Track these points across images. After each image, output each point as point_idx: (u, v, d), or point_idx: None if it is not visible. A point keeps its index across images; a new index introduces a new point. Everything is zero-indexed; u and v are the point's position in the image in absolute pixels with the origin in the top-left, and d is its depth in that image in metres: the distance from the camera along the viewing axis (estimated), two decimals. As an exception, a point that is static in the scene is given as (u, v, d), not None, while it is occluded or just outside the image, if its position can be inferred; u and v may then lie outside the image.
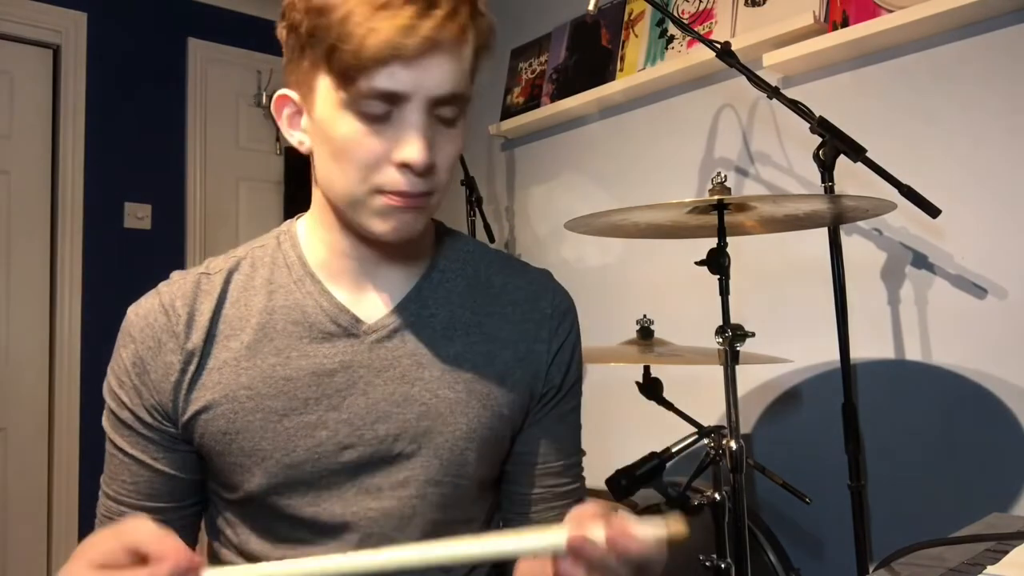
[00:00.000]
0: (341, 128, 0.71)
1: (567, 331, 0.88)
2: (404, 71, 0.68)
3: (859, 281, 1.60)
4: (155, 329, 0.79)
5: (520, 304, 0.87)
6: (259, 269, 0.83)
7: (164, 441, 0.79)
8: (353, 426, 0.79)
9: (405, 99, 0.70)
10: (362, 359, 0.80)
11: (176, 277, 0.83)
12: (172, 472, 0.80)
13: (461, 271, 0.87)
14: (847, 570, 1.59)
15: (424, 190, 0.73)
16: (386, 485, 0.79)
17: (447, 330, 0.83)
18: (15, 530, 2.50)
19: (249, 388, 0.78)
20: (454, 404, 0.81)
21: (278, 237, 0.86)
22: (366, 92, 0.69)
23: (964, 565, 0.71)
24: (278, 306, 0.81)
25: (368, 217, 0.74)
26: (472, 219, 2.33)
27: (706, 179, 1.98)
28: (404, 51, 0.67)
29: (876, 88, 1.67)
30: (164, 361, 0.78)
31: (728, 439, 1.18)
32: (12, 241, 2.56)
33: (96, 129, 2.69)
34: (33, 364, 2.58)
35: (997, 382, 1.47)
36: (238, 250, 0.86)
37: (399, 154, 0.71)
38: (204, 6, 2.92)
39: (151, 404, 0.78)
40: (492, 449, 0.84)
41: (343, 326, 0.80)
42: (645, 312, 1.55)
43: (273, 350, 0.79)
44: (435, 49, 0.69)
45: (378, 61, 0.67)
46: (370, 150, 0.71)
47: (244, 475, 0.78)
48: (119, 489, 0.80)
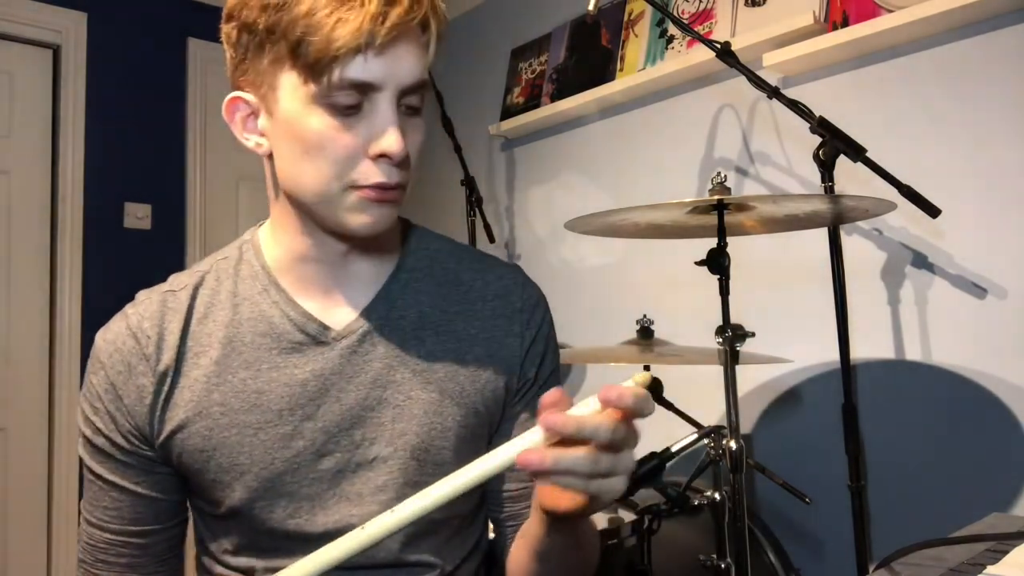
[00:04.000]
0: (312, 123, 0.70)
1: (538, 324, 0.88)
2: (375, 60, 0.68)
3: (859, 281, 1.59)
4: (124, 353, 0.78)
5: (490, 300, 0.87)
6: (224, 282, 0.82)
7: (143, 465, 0.79)
8: (329, 434, 0.78)
9: (376, 89, 0.69)
10: (333, 366, 0.79)
11: (142, 297, 0.82)
12: (154, 495, 0.80)
13: (429, 269, 0.87)
14: (847, 570, 1.59)
15: (400, 181, 0.73)
16: (366, 491, 0.79)
17: (417, 330, 0.83)
18: (15, 530, 2.50)
19: (222, 404, 0.77)
20: (428, 404, 0.80)
21: (240, 247, 0.85)
22: (337, 84, 0.68)
23: (964, 565, 0.71)
24: (244, 318, 0.80)
25: (343, 213, 0.73)
26: (472, 219, 2.33)
27: (706, 179, 1.98)
28: (375, 39, 0.67)
29: (876, 88, 1.67)
30: (136, 384, 0.77)
31: (728, 439, 1.17)
32: (12, 241, 2.56)
33: (96, 129, 2.69)
34: (33, 364, 2.58)
35: (997, 382, 1.47)
36: (202, 264, 0.86)
37: (376, 146, 0.70)
38: (204, 6, 2.92)
39: (127, 429, 0.78)
40: (469, 447, 0.83)
41: (311, 335, 0.79)
42: (645, 312, 1.55)
43: (243, 363, 0.78)
44: (403, 37, 0.69)
45: (350, 51, 0.66)
46: (344, 145, 0.70)
47: (225, 491, 0.78)
48: (102, 516, 0.80)
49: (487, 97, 2.67)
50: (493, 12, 2.75)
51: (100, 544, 0.80)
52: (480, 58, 2.71)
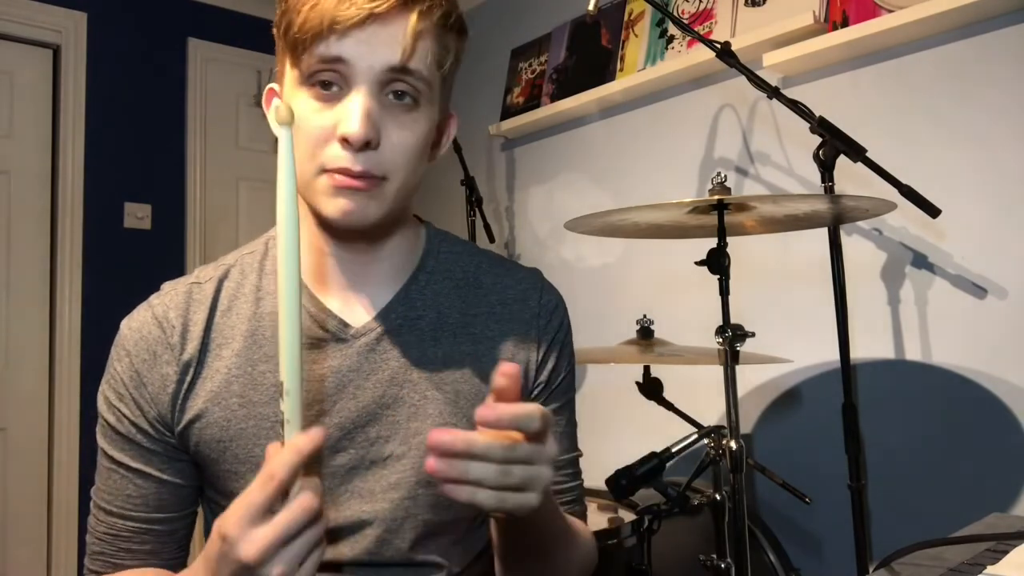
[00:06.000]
0: (297, 107, 0.72)
1: (556, 328, 0.88)
2: (347, 39, 0.70)
3: (859, 281, 1.60)
4: (149, 342, 0.79)
5: (509, 303, 0.87)
6: (248, 276, 0.83)
7: (168, 452, 0.80)
8: (344, 430, 0.79)
9: (350, 70, 0.71)
10: (351, 363, 0.80)
11: (167, 288, 0.83)
12: (179, 481, 0.80)
13: (449, 272, 0.87)
14: (847, 570, 1.59)
15: (366, 169, 0.72)
16: (378, 488, 0.79)
17: (435, 331, 0.83)
18: (15, 530, 2.50)
19: (241, 396, 0.78)
20: (443, 405, 0.81)
21: (267, 242, 0.86)
22: (312, 62, 0.71)
23: (964, 565, 0.71)
24: (266, 312, 0.81)
25: (319, 199, 0.74)
26: (472, 219, 2.33)
27: (706, 179, 1.98)
28: (340, 21, 0.69)
29: (876, 88, 1.67)
30: (160, 373, 0.78)
31: (728, 439, 1.18)
32: (12, 241, 2.56)
33: (96, 129, 2.69)
34: (33, 364, 2.58)
35: (997, 382, 1.47)
36: (228, 257, 0.86)
37: (339, 128, 0.71)
38: (204, 6, 2.92)
39: (153, 417, 0.78)
40: None
41: (331, 331, 0.80)
42: (645, 312, 1.55)
43: (263, 357, 0.79)
44: (374, 21, 0.70)
45: (316, 33, 0.69)
46: (317, 125, 0.72)
47: (239, 481, 0.78)
48: (124, 504, 0.80)
49: (487, 97, 2.67)
50: (493, 12, 2.75)
51: (123, 533, 0.80)
52: (480, 58, 2.71)
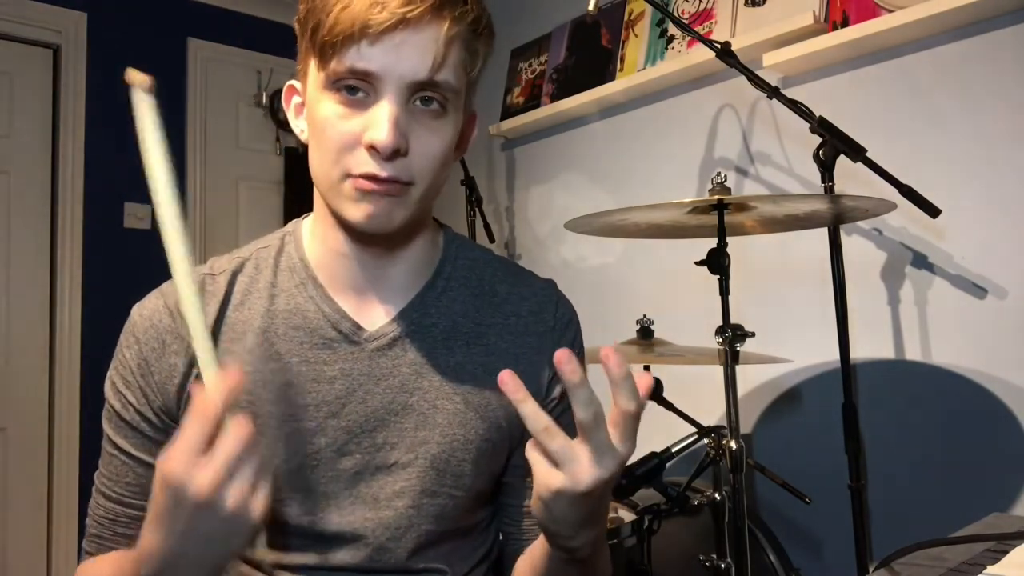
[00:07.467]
0: (322, 110, 0.72)
1: (569, 343, 0.88)
2: (374, 48, 0.68)
3: (859, 281, 1.59)
4: (159, 330, 0.78)
5: (523, 316, 0.87)
6: (263, 271, 0.83)
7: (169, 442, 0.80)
8: (351, 433, 0.78)
9: (379, 80, 0.69)
10: (362, 367, 0.79)
11: None
12: None
13: (465, 279, 0.86)
14: (847, 570, 1.59)
15: (393, 175, 0.71)
16: (383, 495, 0.79)
17: (448, 340, 0.83)
18: (15, 530, 2.50)
19: (249, 393, 0.77)
20: (452, 415, 0.80)
21: (283, 238, 0.85)
22: (338, 70, 0.69)
23: (964, 565, 0.71)
24: (280, 310, 0.80)
25: (343, 203, 0.73)
26: (472, 219, 2.33)
27: (706, 179, 1.98)
28: (371, 26, 0.67)
29: (876, 88, 1.67)
30: (168, 363, 0.78)
31: (728, 439, 1.18)
32: (12, 241, 2.56)
33: (96, 129, 2.69)
34: (33, 364, 2.58)
35: (997, 382, 1.47)
36: (243, 250, 0.86)
37: (367, 135, 0.70)
38: (204, 6, 2.92)
39: (158, 406, 0.78)
40: (489, 461, 0.83)
41: (344, 333, 0.80)
42: (645, 312, 1.55)
43: (275, 355, 0.79)
44: (406, 28, 0.68)
45: (347, 37, 0.68)
46: (344, 131, 0.71)
47: None
48: (123, 491, 0.80)
49: (487, 97, 2.66)
50: (493, 12, 2.72)
51: (120, 519, 0.80)
52: (480, 58, 2.71)
